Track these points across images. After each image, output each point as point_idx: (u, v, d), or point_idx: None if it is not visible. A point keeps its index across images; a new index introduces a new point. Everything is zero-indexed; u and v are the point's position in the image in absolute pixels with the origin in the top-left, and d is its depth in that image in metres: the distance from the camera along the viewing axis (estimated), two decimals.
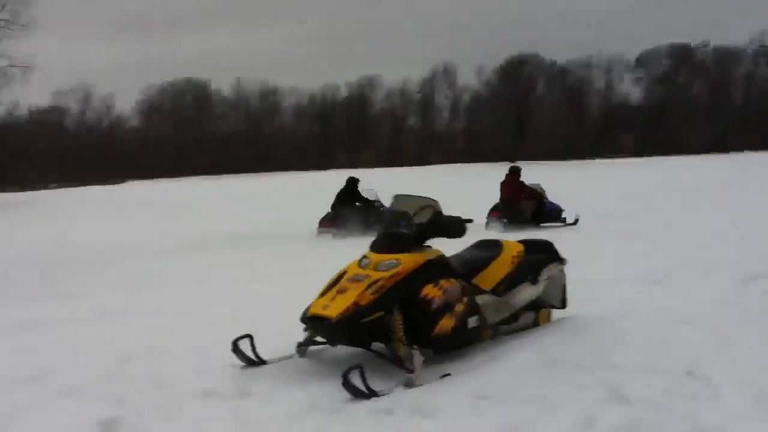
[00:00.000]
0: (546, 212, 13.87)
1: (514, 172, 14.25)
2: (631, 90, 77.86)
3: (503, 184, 14.21)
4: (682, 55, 76.17)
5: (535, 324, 5.47)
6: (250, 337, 4.71)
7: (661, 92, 75.03)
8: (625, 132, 72.12)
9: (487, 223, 13.48)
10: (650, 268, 7.64)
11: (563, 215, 13.88)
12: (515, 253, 5.20)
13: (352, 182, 14.37)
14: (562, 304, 5.65)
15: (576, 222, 13.51)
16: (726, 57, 75.95)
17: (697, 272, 7.51)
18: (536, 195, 14.05)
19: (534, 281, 5.26)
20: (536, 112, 68.30)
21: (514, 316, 5.29)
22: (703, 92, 77.22)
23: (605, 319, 5.59)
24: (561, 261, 5.59)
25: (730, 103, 75.49)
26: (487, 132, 68.11)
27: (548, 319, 5.60)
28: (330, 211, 13.80)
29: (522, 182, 14.13)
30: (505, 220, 13.34)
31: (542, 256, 5.47)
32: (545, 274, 5.37)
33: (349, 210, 13.55)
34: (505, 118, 64.77)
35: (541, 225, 13.51)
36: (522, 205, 13.78)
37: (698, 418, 3.56)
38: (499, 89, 68.79)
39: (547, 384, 4.10)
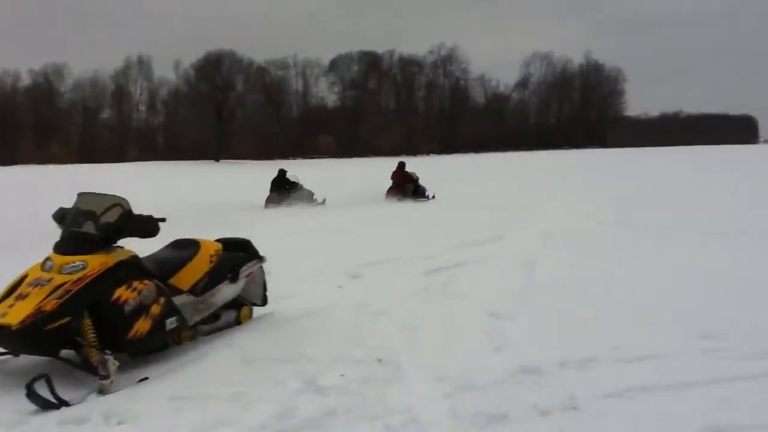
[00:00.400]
0: (419, 192, 19.55)
1: (402, 165, 20.42)
2: (327, 94, 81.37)
3: (394, 173, 20.11)
4: (370, 62, 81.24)
5: (237, 322, 5.47)
6: None
7: (353, 97, 79.36)
8: (324, 134, 75.15)
9: (387, 196, 19.10)
10: (350, 263, 8.00)
11: (427, 194, 19.50)
12: (213, 252, 5.15)
13: (282, 172, 19.81)
14: (263, 301, 5.72)
15: (434, 197, 19.08)
16: (410, 66, 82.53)
17: (390, 266, 8.02)
18: (414, 180, 19.97)
19: (233, 279, 5.25)
20: (237, 111, 68.29)
21: (215, 316, 5.24)
22: (391, 99, 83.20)
23: (305, 313, 5.75)
24: (260, 258, 5.65)
25: (416, 109, 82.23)
26: (188, 128, 66.78)
27: (250, 316, 5.63)
28: (270, 193, 18.98)
29: (406, 171, 20.14)
30: (399, 196, 18.90)
31: (241, 254, 5.48)
32: (245, 272, 5.39)
33: (282, 191, 19.01)
34: (206, 115, 63.90)
35: (417, 199, 18.85)
36: (406, 186, 19.59)
37: (388, 401, 3.80)
38: (197, 85, 67.60)
39: (246, 380, 4.13)
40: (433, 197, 19.04)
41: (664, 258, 8.22)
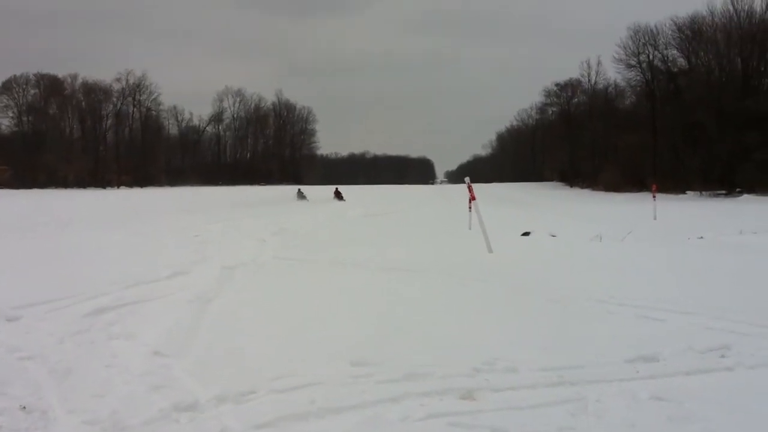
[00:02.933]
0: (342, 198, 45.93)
1: (337, 189, 48.08)
2: (0, 119, 74.47)
3: (335, 191, 47.00)
4: (50, 85, 75.49)
5: None
6: None
7: (32, 123, 73.34)
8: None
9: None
10: (3, 306, 7.26)
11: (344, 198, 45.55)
12: None
13: (299, 190, 49.23)
14: None
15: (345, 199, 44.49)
16: (95, 92, 78.12)
17: (51, 307, 7.40)
18: (340, 193, 47.24)
19: None
20: None
21: None
22: (76, 126, 78.08)
23: None
24: None
25: (104, 138, 78.08)
26: None
27: None
28: (297, 197, 46.42)
29: (339, 192, 47.33)
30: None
31: None
32: None
33: (302, 197, 46.42)
34: None
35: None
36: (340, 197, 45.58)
37: None
38: None
39: None
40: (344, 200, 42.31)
41: (325, 289, 8.80)
